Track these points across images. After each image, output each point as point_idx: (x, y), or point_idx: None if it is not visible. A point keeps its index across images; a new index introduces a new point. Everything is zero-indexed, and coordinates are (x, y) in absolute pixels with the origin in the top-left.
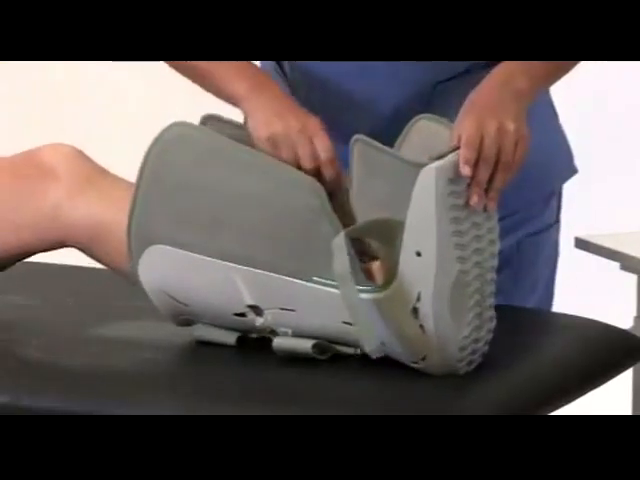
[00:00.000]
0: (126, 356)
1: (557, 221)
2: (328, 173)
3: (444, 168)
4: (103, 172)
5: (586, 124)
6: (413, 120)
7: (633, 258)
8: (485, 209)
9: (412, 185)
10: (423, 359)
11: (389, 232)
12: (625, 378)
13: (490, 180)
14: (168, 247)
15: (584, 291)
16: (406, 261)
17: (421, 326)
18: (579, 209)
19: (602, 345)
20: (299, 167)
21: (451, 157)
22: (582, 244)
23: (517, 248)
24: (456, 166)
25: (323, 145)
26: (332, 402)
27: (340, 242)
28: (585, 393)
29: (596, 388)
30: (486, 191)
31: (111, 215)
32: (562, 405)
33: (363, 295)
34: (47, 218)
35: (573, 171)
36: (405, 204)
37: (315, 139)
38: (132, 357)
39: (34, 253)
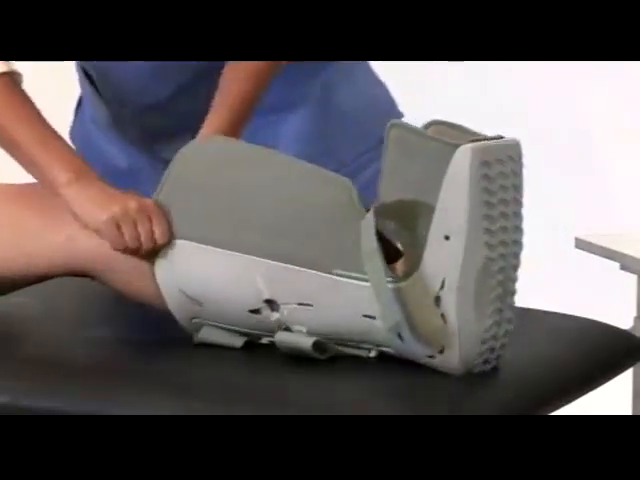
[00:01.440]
0: (126, 356)
1: None
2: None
3: (480, 149)
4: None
5: (586, 124)
6: (424, 125)
7: (633, 258)
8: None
9: (446, 167)
10: (441, 352)
11: (416, 216)
12: (625, 378)
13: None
14: (187, 242)
15: (584, 291)
16: (433, 245)
17: (442, 315)
18: (579, 209)
19: (602, 345)
20: (140, 246)
21: (486, 142)
22: (582, 244)
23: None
24: (490, 151)
25: (161, 227)
26: (335, 402)
27: (369, 220)
28: (585, 393)
29: (596, 388)
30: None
31: None
32: (562, 405)
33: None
34: (61, 249)
35: (399, 115)
36: (436, 188)
37: (154, 219)
38: (132, 357)
39: (45, 280)
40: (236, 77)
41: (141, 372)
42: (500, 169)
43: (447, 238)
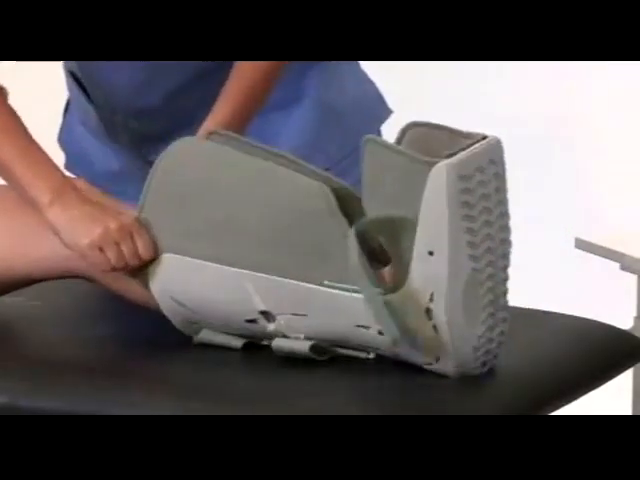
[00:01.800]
0: (126, 356)
1: None
2: None
3: (455, 165)
4: (110, 201)
5: (587, 124)
6: (402, 128)
7: (633, 258)
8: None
9: (423, 183)
10: (437, 360)
11: (399, 231)
12: (625, 378)
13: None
14: (178, 256)
15: (584, 291)
16: (418, 261)
17: (434, 327)
18: (579, 209)
19: (602, 345)
20: (126, 264)
21: (462, 155)
22: (582, 244)
23: None
24: (467, 163)
25: (144, 243)
26: (335, 403)
27: (351, 236)
28: (585, 393)
29: (596, 388)
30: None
31: None
32: (562, 405)
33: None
34: (57, 250)
35: (388, 111)
36: (415, 203)
37: (136, 236)
38: (132, 357)
39: (40, 281)
40: (242, 74)
41: (141, 372)
42: (479, 178)
43: (431, 254)
